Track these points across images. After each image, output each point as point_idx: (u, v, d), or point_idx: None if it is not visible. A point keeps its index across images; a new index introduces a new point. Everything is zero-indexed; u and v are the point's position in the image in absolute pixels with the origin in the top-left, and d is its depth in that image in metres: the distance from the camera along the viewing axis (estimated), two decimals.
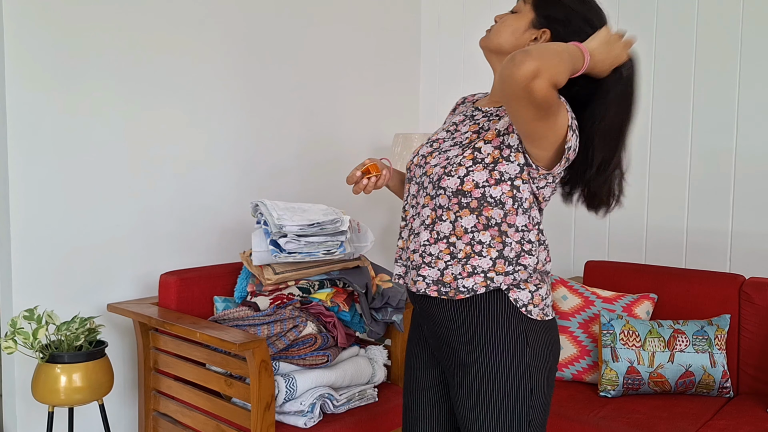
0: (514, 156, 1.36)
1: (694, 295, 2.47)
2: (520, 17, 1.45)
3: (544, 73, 1.14)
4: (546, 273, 1.45)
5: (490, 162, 1.36)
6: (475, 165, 1.36)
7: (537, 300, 1.40)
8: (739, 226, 2.62)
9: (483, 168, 1.36)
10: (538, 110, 1.21)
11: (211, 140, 2.74)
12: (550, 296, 1.46)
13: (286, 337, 2.16)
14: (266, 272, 2.27)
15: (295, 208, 2.35)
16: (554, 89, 1.19)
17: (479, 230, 1.37)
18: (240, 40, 2.81)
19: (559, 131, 1.29)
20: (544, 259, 1.44)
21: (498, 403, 1.39)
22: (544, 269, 1.44)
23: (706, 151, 2.69)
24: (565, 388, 2.40)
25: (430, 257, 1.41)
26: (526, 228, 1.38)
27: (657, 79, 2.82)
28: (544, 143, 1.30)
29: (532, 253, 1.38)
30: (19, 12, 2.21)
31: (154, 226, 2.59)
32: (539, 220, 1.41)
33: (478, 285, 1.37)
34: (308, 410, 2.10)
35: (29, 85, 2.25)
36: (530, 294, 1.39)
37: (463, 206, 1.37)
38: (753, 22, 2.56)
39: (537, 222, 1.40)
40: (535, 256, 1.39)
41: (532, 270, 1.39)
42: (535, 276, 1.41)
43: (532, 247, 1.38)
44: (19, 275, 2.28)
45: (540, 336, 1.41)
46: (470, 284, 1.37)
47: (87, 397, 2.10)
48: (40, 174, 2.30)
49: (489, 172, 1.36)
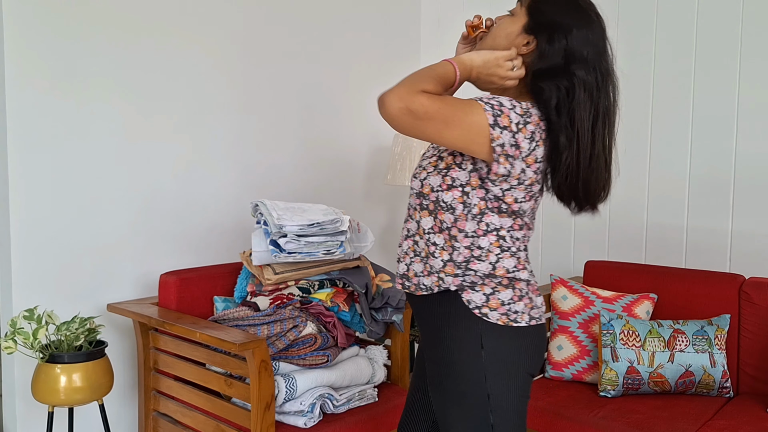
0: (465, 163, 1.40)
1: (694, 295, 2.47)
2: (515, 20, 1.45)
3: (406, 96, 1.27)
4: (516, 279, 1.43)
5: (443, 168, 1.42)
6: (434, 170, 1.43)
7: (494, 304, 1.40)
8: (739, 226, 2.62)
9: (437, 173, 1.42)
10: (434, 124, 1.29)
11: (211, 140, 2.74)
12: (523, 303, 1.43)
13: (286, 337, 2.16)
14: (266, 272, 2.27)
15: (295, 208, 2.35)
16: (425, 101, 1.27)
17: (435, 232, 1.43)
18: (240, 40, 2.81)
19: (479, 131, 1.32)
20: (513, 266, 1.43)
21: (457, 401, 1.43)
22: (512, 275, 1.42)
23: (706, 150, 2.69)
24: (565, 388, 2.40)
25: (401, 253, 1.51)
26: (475, 234, 1.40)
27: (657, 79, 2.82)
28: (474, 148, 1.34)
29: (482, 259, 1.40)
30: (18, 14, 2.21)
31: (154, 226, 2.59)
32: (498, 226, 1.41)
33: (434, 284, 1.43)
34: (308, 410, 2.10)
35: (29, 86, 2.25)
36: (485, 297, 1.41)
37: (423, 207, 1.44)
38: (753, 22, 2.56)
39: (495, 228, 1.41)
40: (488, 262, 1.40)
41: (483, 275, 1.41)
42: (490, 280, 1.41)
43: (482, 253, 1.40)
44: (19, 275, 2.28)
45: (504, 341, 1.41)
46: (428, 283, 1.44)
47: (87, 397, 2.10)
48: (40, 174, 2.30)
49: (442, 178, 1.41)
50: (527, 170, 1.37)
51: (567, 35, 1.38)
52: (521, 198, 1.40)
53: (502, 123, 1.32)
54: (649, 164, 2.85)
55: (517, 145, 1.34)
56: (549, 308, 2.64)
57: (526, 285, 1.45)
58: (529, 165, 1.37)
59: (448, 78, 1.37)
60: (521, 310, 1.42)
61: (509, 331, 1.41)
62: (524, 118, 1.35)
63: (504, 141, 1.33)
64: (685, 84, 2.73)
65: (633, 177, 2.90)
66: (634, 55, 2.87)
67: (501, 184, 1.37)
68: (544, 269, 3.23)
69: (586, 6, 1.43)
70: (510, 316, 1.41)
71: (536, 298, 1.48)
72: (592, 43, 1.39)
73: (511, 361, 1.41)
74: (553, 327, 2.56)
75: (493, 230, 1.41)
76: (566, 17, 1.39)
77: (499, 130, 1.32)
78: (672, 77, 2.77)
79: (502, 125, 1.32)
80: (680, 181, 2.76)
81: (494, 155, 1.33)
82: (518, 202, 1.41)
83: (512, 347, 1.42)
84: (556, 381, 2.48)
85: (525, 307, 1.43)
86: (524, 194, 1.41)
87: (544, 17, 1.41)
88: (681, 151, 2.76)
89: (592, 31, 1.40)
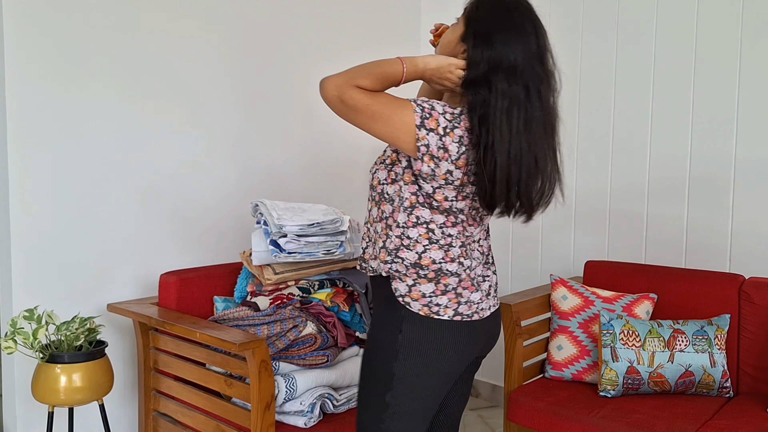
0: (403, 160, 1.49)
1: (694, 295, 2.47)
2: (455, 29, 1.52)
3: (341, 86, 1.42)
4: (442, 272, 1.48)
5: (389, 163, 1.52)
6: (382, 164, 1.54)
7: (416, 295, 1.49)
8: (739, 226, 2.62)
9: (384, 168, 1.53)
10: (362, 116, 1.43)
11: (211, 140, 2.75)
12: (447, 298, 1.48)
13: (286, 337, 2.16)
14: (266, 272, 2.27)
15: (295, 208, 2.35)
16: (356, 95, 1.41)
17: (378, 221, 1.55)
18: (240, 39, 2.81)
19: (406, 130, 1.41)
20: (440, 258, 1.48)
21: (366, 374, 1.55)
22: (438, 267, 1.48)
23: (706, 150, 2.69)
24: (565, 388, 2.40)
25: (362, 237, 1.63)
26: (406, 225, 1.49)
27: (657, 78, 2.82)
28: (399, 144, 1.43)
29: (411, 249, 1.48)
30: (19, 14, 2.21)
31: (154, 226, 2.59)
32: (427, 220, 1.48)
33: (376, 267, 1.55)
34: (308, 410, 2.10)
35: (29, 86, 2.25)
36: (407, 287, 1.49)
37: (372, 198, 1.57)
38: (753, 22, 2.56)
39: (424, 221, 1.48)
40: (415, 252, 1.48)
41: (409, 264, 1.48)
42: (415, 271, 1.48)
43: (411, 243, 1.48)
44: (19, 275, 2.28)
45: (421, 331, 1.48)
46: (374, 266, 1.55)
47: (87, 397, 2.10)
48: (40, 174, 2.30)
49: (387, 172, 1.52)
50: (455, 172, 1.43)
51: (491, 44, 1.42)
52: (452, 197, 1.46)
53: (429, 125, 1.41)
54: (648, 164, 2.85)
55: (445, 148, 1.41)
56: (549, 308, 2.64)
57: (456, 280, 1.50)
58: (459, 167, 1.43)
59: (393, 76, 1.46)
60: (444, 304, 1.48)
61: (430, 322, 1.48)
62: (453, 123, 1.42)
63: (429, 142, 1.41)
64: (685, 84, 2.73)
65: (633, 177, 2.90)
66: (634, 55, 2.87)
67: (431, 182, 1.45)
68: (544, 269, 3.23)
69: (520, 15, 1.44)
70: (432, 308, 1.48)
71: (471, 294, 1.52)
72: (522, 51, 1.41)
73: (425, 351, 1.48)
74: (553, 327, 2.56)
75: (422, 223, 1.48)
76: (493, 27, 1.44)
77: (425, 131, 1.41)
78: (672, 77, 2.77)
79: (428, 127, 1.41)
80: (680, 181, 2.76)
81: (418, 154, 1.42)
82: (448, 201, 1.47)
83: (429, 338, 1.48)
84: (556, 381, 2.48)
85: (450, 302, 1.49)
86: (455, 194, 1.46)
87: (474, 27, 1.46)
88: (681, 150, 2.76)
89: (523, 40, 1.42)
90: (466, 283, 1.51)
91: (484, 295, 1.55)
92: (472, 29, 1.46)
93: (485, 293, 1.56)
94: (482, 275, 1.58)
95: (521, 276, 3.33)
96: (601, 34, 2.98)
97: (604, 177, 2.99)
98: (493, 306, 1.59)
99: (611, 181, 2.97)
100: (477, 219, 1.54)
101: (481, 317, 1.53)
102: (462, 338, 1.51)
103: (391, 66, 1.46)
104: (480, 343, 1.56)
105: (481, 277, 1.57)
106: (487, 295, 1.57)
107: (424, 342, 1.47)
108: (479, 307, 1.53)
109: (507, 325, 2.48)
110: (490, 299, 1.58)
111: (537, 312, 2.61)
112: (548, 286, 2.76)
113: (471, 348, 1.54)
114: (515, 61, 1.41)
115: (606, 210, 3.00)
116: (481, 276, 1.57)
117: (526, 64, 1.41)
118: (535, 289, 2.76)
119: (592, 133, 3.03)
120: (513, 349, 2.47)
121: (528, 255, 3.29)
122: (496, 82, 1.40)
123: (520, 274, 3.33)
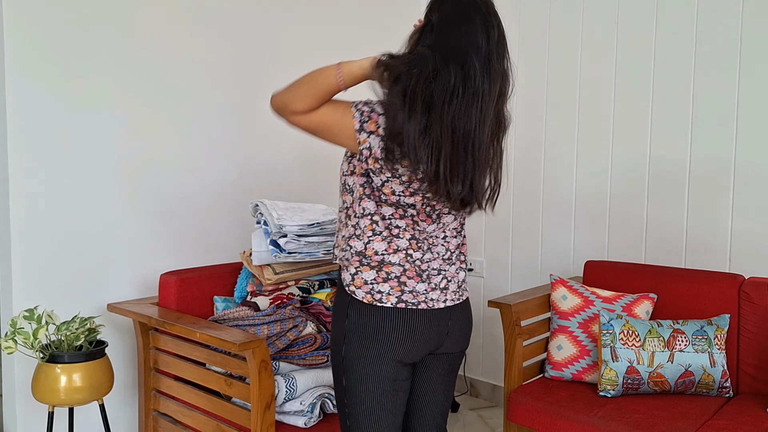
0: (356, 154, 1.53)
1: (694, 295, 2.47)
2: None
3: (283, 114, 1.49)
4: (385, 262, 1.51)
5: (350, 155, 1.57)
6: (345, 156, 1.59)
7: (359, 282, 1.52)
8: (739, 226, 2.62)
9: (346, 159, 1.58)
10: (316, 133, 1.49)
11: (211, 140, 2.75)
12: (389, 285, 1.51)
13: (286, 337, 2.16)
14: (266, 272, 2.27)
15: (295, 208, 2.35)
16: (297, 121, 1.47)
17: (340, 210, 1.60)
18: (240, 40, 2.82)
19: (349, 135, 1.46)
20: (383, 249, 1.51)
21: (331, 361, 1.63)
22: (381, 258, 1.51)
23: (706, 151, 2.69)
24: (565, 388, 2.40)
25: None
26: (356, 215, 1.54)
27: (656, 78, 2.82)
28: (349, 148, 1.49)
29: (360, 238, 1.52)
30: (19, 14, 2.21)
31: (154, 226, 2.60)
32: (372, 212, 1.52)
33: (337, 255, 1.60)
34: (308, 410, 2.10)
35: (29, 87, 2.25)
36: (351, 276, 1.54)
37: (339, 189, 1.62)
38: (753, 22, 2.56)
39: (369, 213, 1.52)
40: (362, 242, 1.52)
41: (356, 252, 1.52)
42: (359, 259, 1.52)
43: (360, 232, 1.52)
44: (19, 275, 2.28)
45: (365, 317, 1.52)
46: (337, 253, 1.60)
47: (87, 397, 2.10)
48: (41, 174, 2.30)
49: (348, 164, 1.57)
50: (401, 168, 1.44)
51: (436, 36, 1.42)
52: (399, 191, 1.48)
53: (368, 128, 1.45)
54: (648, 164, 2.85)
55: (382, 149, 1.44)
56: (549, 308, 2.64)
57: (399, 269, 1.52)
58: (404, 165, 1.44)
59: (330, 89, 1.47)
60: (387, 292, 1.51)
61: (372, 309, 1.51)
62: (367, 124, 1.45)
63: (371, 145, 1.45)
64: (685, 84, 2.74)
65: (633, 177, 2.90)
66: (634, 55, 2.88)
67: (380, 175, 1.47)
68: (544, 269, 3.23)
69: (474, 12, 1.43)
70: (374, 295, 1.51)
71: (417, 285, 1.53)
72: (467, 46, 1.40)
73: (368, 335, 1.52)
74: (553, 327, 2.56)
75: (368, 214, 1.52)
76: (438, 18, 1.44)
77: (365, 134, 1.45)
78: (672, 77, 2.77)
79: (368, 130, 1.45)
80: (680, 181, 2.76)
81: (362, 156, 1.47)
82: (396, 195, 1.49)
83: (372, 324, 1.51)
84: (556, 381, 2.48)
85: (392, 289, 1.51)
86: (402, 188, 1.48)
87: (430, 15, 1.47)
88: (681, 150, 2.76)
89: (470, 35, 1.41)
90: (411, 273, 1.53)
91: (433, 287, 1.55)
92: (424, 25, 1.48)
93: (437, 286, 1.56)
94: (438, 269, 1.57)
95: (521, 276, 3.33)
96: (601, 34, 2.98)
97: (604, 177, 2.99)
98: (452, 300, 1.59)
99: (611, 181, 2.97)
100: (432, 216, 1.55)
101: (431, 308, 1.54)
102: (406, 325, 1.52)
103: (327, 79, 1.46)
104: (433, 334, 1.56)
105: (436, 271, 1.56)
106: (443, 289, 1.57)
107: (368, 326, 1.51)
108: (427, 297, 1.54)
109: (507, 325, 2.48)
110: (448, 293, 1.58)
111: (537, 312, 2.61)
112: (548, 286, 2.76)
113: (421, 336, 1.54)
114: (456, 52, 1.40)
115: (606, 210, 3.01)
116: (436, 270, 1.57)
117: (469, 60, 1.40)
118: (535, 289, 2.76)
119: (591, 132, 3.03)
120: (513, 349, 2.48)
121: (528, 255, 3.29)
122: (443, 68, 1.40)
123: (520, 274, 3.33)
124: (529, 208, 3.28)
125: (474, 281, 3.52)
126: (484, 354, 3.48)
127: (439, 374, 1.66)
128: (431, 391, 1.67)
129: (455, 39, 1.41)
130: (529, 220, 3.27)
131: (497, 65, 1.43)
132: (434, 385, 1.66)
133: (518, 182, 3.32)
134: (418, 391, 1.66)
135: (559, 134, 3.15)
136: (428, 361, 1.64)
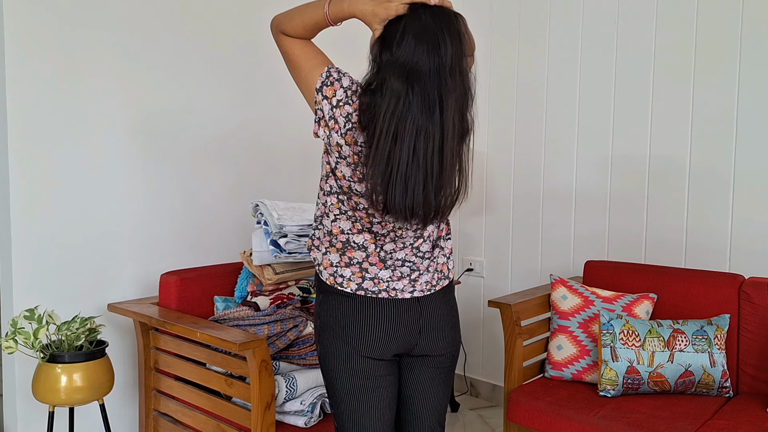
0: None
1: (694, 294, 2.47)
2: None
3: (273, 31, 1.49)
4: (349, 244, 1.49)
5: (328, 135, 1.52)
6: None
7: (326, 263, 1.52)
8: (739, 226, 2.62)
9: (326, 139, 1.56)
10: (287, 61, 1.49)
11: (210, 140, 2.75)
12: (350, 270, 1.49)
13: (286, 337, 2.16)
14: (266, 272, 2.27)
15: (295, 208, 2.35)
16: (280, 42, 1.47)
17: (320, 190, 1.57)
18: (240, 37, 2.82)
19: (308, 89, 1.45)
20: (348, 228, 1.49)
21: None
22: (347, 238, 1.49)
23: (706, 151, 2.70)
24: (565, 388, 2.40)
25: None
26: (324, 193, 1.52)
27: (656, 77, 2.82)
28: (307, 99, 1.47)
29: (328, 216, 1.51)
30: (18, 11, 2.21)
31: (154, 226, 2.60)
32: (334, 191, 1.49)
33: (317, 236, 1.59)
34: (308, 410, 2.10)
35: (30, 87, 2.25)
36: (321, 255, 1.53)
37: None
38: (753, 22, 2.56)
39: (335, 191, 1.49)
40: (330, 220, 1.51)
41: (326, 231, 1.52)
42: (328, 239, 1.52)
43: (328, 210, 1.51)
44: (20, 275, 2.28)
45: (331, 298, 1.51)
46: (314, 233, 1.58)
47: (87, 397, 2.10)
48: (41, 174, 2.30)
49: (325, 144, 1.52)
50: (344, 147, 1.41)
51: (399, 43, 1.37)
52: (348, 176, 1.44)
53: (326, 93, 1.43)
54: (648, 164, 2.85)
55: (335, 119, 1.41)
56: (549, 308, 2.64)
57: (362, 254, 1.49)
58: (348, 144, 1.41)
59: (317, 24, 1.46)
60: (348, 277, 1.50)
61: (334, 295, 1.51)
62: (349, 98, 1.41)
63: (323, 109, 1.43)
64: (685, 84, 2.74)
65: (633, 177, 2.90)
66: (634, 55, 2.88)
67: (332, 154, 1.46)
68: (544, 269, 3.23)
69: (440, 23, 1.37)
70: (337, 279, 1.50)
71: (380, 272, 1.49)
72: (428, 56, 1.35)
73: (335, 316, 1.50)
74: (553, 327, 2.56)
75: (334, 192, 1.49)
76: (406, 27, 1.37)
77: (321, 96, 1.43)
78: (672, 77, 2.77)
79: (324, 94, 1.43)
80: (680, 181, 2.77)
81: (315, 117, 1.45)
82: (347, 179, 1.45)
83: (335, 308, 1.50)
84: (556, 381, 2.49)
85: (353, 275, 1.49)
86: (351, 173, 1.43)
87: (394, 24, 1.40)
88: (681, 150, 2.76)
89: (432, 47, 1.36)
90: (373, 259, 1.49)
91: (400, 277, 1.49)
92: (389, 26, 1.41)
93: (404, 276, 1.49)
94: (404, 259, 1.50)
95: (521, 276, 3.33)
96: (600, 34, 2.98)
97: (604, 177, 3.00)
98: (422, 291, 1.51)
99: (611, 181, 2.98)
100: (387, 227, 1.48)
101: (393, 297, 1.48)
102: (366, 317, 1.48)
103: (315, 10, 1.45)
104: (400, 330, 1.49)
105: (401, 261, 1.50)
106: (413, 280, 1.50)
107: (329, 316, 1.51)
108: (390, 286, 1.48)
109: (507, 325, 2.48)
110: (417, 284, 1.50)
111: (537, 312, 2.61)
112: (548, 286, 2.76)
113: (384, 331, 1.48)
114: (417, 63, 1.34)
115: (606, 210, 3.01)
116: (401, 260, 1.50)
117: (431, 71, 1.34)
118: (534, 289, 2.76)
119: (591, 132, 3.03)
120: (513, 348, 2.48)
121: (528, 255, 3.30)
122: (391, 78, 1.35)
123: (520, 274, 3.34)
124: (529, 208, 3.28)
125: (474, 281, 3.52)
126: (484, 354, 3.48)
127: (428, 377, 1.58)
128: (422, 395, 1.59)
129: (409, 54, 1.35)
130: (529, 220, 3.28)
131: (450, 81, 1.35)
132: (424, 387, 1.59)
133: (518, 183, 3.32)
134: (408, 394, 1.59)
135: (559, 134, 3.15)
136: (413, 363, 1.57)
